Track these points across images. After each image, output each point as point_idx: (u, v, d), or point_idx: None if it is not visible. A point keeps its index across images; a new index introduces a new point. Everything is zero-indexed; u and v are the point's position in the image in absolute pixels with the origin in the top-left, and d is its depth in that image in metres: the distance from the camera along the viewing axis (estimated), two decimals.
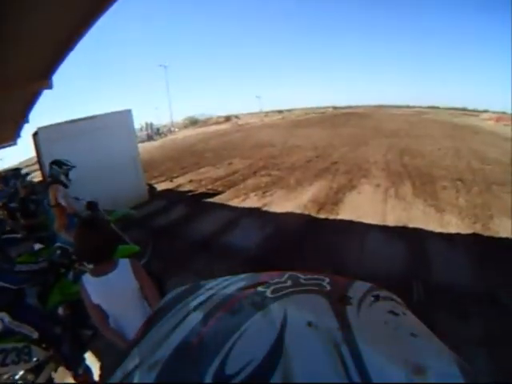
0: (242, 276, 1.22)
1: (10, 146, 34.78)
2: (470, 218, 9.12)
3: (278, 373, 0.74)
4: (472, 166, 15.91)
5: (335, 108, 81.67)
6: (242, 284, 1.13)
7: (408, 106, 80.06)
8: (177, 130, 67.86)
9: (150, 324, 1.10)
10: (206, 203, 12.36)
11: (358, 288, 1.13)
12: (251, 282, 1.13)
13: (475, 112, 68.54)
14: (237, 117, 73.17)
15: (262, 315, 0.91)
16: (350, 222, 9.11)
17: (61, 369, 4.29)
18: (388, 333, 0.93)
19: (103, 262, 2.86)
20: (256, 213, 10.71)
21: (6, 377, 4.07)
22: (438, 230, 8.32)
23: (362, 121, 45.52)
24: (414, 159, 17.45)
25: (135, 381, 0.84)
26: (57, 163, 7.00)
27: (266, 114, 78.76)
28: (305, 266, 5.64)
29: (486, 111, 65.83)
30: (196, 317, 0.98)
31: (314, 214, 10.04)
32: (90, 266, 4.45)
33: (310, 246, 7.65)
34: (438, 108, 76.70)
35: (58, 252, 4.59)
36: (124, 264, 2.93)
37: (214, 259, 7.52)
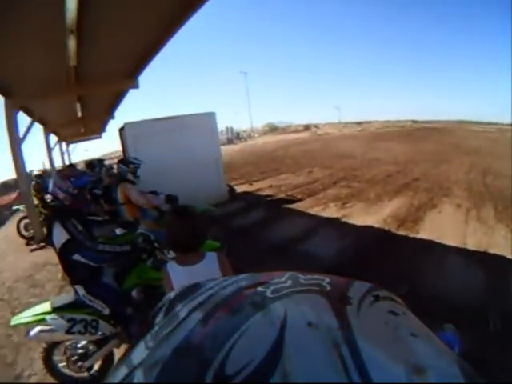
0: (242, 276, 1.23)
1: (95, 138, 36.34)
2: None
3: (278, 373, 0.73)
4: None
5: (415, 122, 79.32)
6: (241, 284, 1.14)
7: (489, 123, 76.78)
8: (256, 135, 68.48)
9: (150, 324, 1.12)
10: (285, 209, 12.53)
11: (358, 288, 1.11)
12: (251, 281, 1.15)
13: None
14: (316, 126, 72.99)
15: (262, 315, 0.91)
16: (430, 242, 8.82)
17: (123, 346, 4.53)
18: (388, 333, 0.93)
19: (192, 252, 2.91)
20: (335, 223, 10.66)
21: (68, 343, 4.45)
22: None
23: (443, 136, 43.80)
24: (496, 180, 16.54)
25: (135, 381, 0.85)
26: (124, 162, 7.30)
27: (345, 125, 78.02)
28: (381, 282, 5.52)
29: None
30: (196, 317, 0.99)
31: (393, 230, 9.85)
32: (171, 256, 4.62)
33: (388, 263, 7.49)
34: None
35: (141, 238, 4.73)
36: (211, 257, 2.96)
37: (291, 264, 7.47)
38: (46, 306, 4.27)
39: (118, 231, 6.82)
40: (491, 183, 15.93)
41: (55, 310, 4.20)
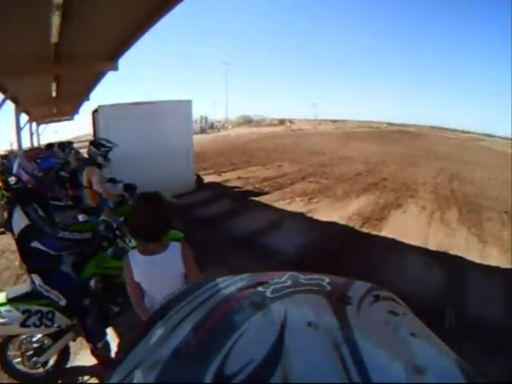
0: (242, 276, 1.21)
1: (67, 120, 35.71)
2: None
3: (277, 373, 0.74)
4: None
5: (390, 124, 79.74)
6: (241, 284, 1.13)
7: (463, 131, 77.80)
8: (230, 126, 67.79)
9: (149, 324, 1.10)
10: (251, 201, 12.46)
11: (358, 288, 1.12)
12: (251, 281, 1.14)
13: None
14: (291, 121, 72.40)
15: (262, 315, 0.91)
16: (392, 240, 9.03)
17: (79, 339, 4.41)
18: (388, 333, 0.94)
19: (155, 240, 2.86)
20: (300, 218, 10.69)
21: (23, 337, 4.21)
22: (478, 260, 8.14)
23: (416, 140, 44.75)
24: (463, 185, 17.11)
25: (135, 381, 0.85)
26: (95, 144, 7.08)
27: (320, 122, 77.53)
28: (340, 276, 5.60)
29: None
30: (196, 317, 0.98)
31: (357, 227, 9.99)
32: (132, 244, 4.51)
33: (349, 259, 7.61)
34: (493, 136, 74.53)
35: (103, 225, 4.60)
36: (175, 248, 2.92)
37: (251, 257, 7.57)
38: (0, 297, 4.05)
39: (81, 217, 6.68)
40: (457, 188, 16.43)
41: (10, 301, 3.98)
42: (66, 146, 14.08)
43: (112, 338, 4.50)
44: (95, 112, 12.99)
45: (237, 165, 19.52)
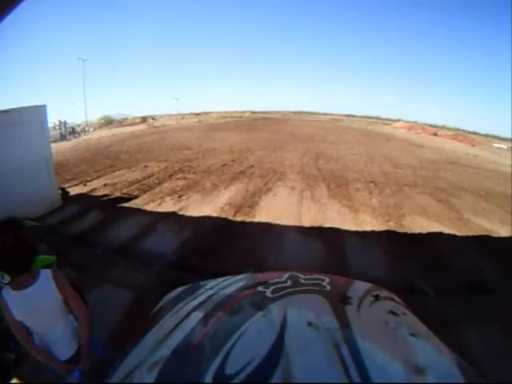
0: (242, 276, 1.27)
1: None
2: (384, 216, 9.78)
3: (277, 373, 0.73)
4: (384, 169, 17.13)
5: (253, 112, 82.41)
6: (241, 284, 1.20)
7: (325, 114, 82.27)
8: (91, 129, 66.17)
9: (150, 324, 1.14)
10: (121, 208, 12.04)
11: (358, 288, 1.21)
12: (251, 281, 1.21)
13: (389, 121, 71.33)
14: (153, 118, 72.10)
15: (262, 315, 0.93)
16: (267, 224, 9.33)
17: None
18: (388, 333, 0.96)
19: (23, 272, 2.67)
20: (172, 217, 10.61)
21: None
22: (353, 228, 8.81)
23: (279, 126, 46.66)
24: (328, 163, 18.28)
25: (135, 381, 0.86)
26: None
27: (183, 116, 78.09)
28: (224, 269, 5.71)
29: (398, 120, 68.79)
30: (196, 317, 1.02)
31: (230, 217, 10.15)
32: (6, 280, 4.06)
33: (228, 249, 7.74)
34: (353, 116, 79.31)
35: None
36: (45, 276, 2.75)
37: (132, 267, 7.35)
38: None
39: None
40: (323, 166, 17.58)
41: None
42: None
43: None
44: None
45: (102, 171, 18.75)
